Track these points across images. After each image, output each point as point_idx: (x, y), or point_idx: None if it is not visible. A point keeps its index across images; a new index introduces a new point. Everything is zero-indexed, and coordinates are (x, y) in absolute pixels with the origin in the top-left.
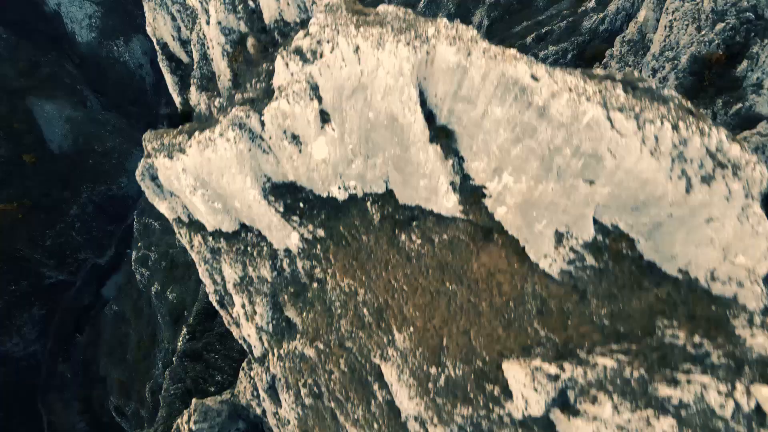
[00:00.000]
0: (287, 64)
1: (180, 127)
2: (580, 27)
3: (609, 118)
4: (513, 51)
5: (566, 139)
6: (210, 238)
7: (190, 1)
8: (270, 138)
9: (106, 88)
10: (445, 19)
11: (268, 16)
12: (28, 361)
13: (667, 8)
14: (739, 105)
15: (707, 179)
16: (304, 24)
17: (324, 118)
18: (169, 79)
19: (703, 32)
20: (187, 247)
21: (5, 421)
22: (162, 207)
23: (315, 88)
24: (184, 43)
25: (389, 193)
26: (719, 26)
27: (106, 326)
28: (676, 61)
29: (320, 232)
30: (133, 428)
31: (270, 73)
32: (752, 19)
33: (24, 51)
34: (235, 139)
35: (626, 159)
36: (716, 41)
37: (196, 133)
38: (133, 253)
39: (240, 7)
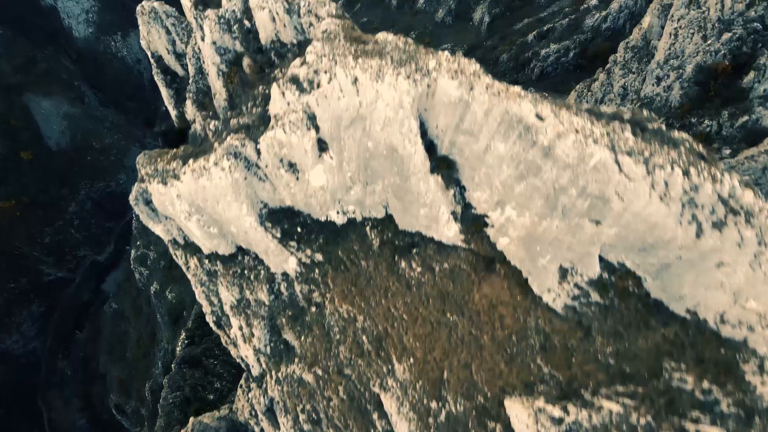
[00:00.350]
0: (283, 93)
1: (174, 150)
2: (582, 25)
3: (617, 162)
4: (517, 88)
5: (572, 179)
6: (206, 261)
7: (187, 16)
8: (266, 166)
9: (104, 83)
10: (446, 52)
11: (264, 36)
12: (27, 359)
13: (672, 15)
14: (746, 117)
15: (719, 225)
16: (301, 45)
17: (321, 146)
18: (164, 93)
19: (709, 42)
20: (183, 268)
21: (6, 418)
22: (157, 229)
23: (312, 118)
24: (179, 57)
25: (389, 218)
26: (726, 36)
27: (105, 324)
28: (681, 70)
29: (318, 257)
30: (134, 426)
31: (266, 97)
32: (759, 30)
33: (20, 47)
34: (230, 169)
35: (634, 203)
36: (722, 51)
37: (191, 161)
38: (132, 251)
39: (235, 27)
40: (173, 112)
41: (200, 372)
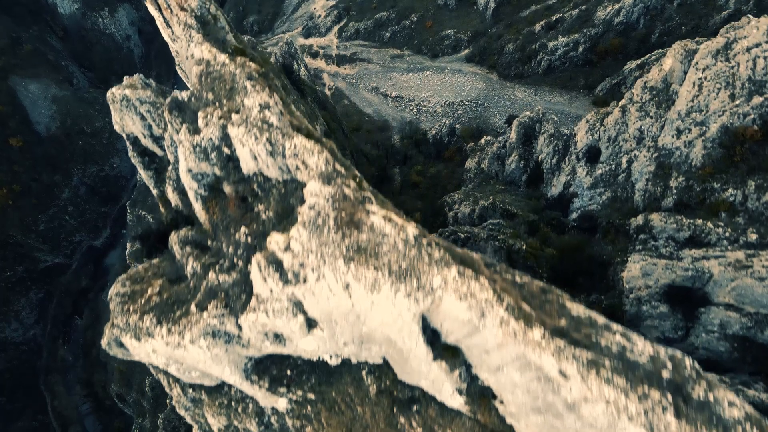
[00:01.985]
0: (265, 279)
1: (149, 290)
2: (593, 17)
3: None
4: (537, 335)
5: None
6: (190, 390)
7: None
8: (249, 339)
9: (93, 62)
10: (454, 271)
11: (247, 168)
12: (28, 345)
13: (697, 63)
14: None
15: None
16: (287, 184)
17: (310, 323)
18: (144, 174)
19: (737, 102)
20: (166, 389)
21: (9, 404)
22: (135, 359)
23: (298, 304)
24: (157, 139)
25: (386, 365)
26: (756, 100)
27: (104, 312)
28: (704, 127)
29: (311, 396)
30: (136, 415)
31: (248, 249)
32: None
33: (3, 26)
34: (208, 347)
35: None
36: (752, 115)
37: (165, 332)
38: (128, 245)
39: (213, 155)
40: (155, 191)
41: None
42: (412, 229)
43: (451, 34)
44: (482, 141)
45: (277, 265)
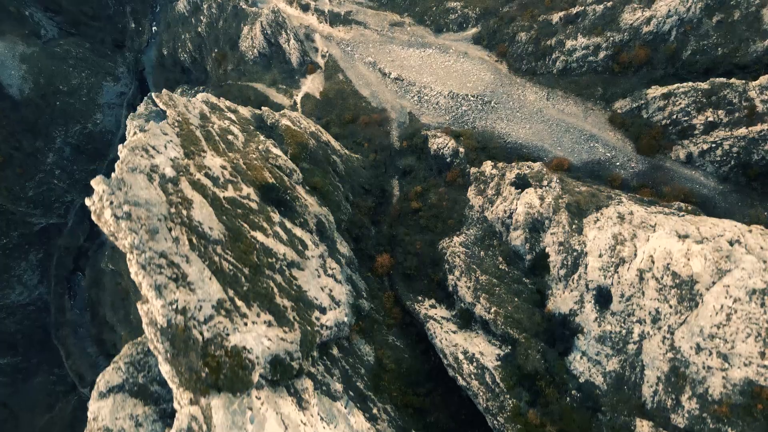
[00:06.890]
0: None
1: None
2: (619, 19)
3: None
4: None
5: None
6: None
7: None
8: None
9: (60, 4)
10: None
11: None
12: (35, 305)
13: (728, 287)
14: None
15: None
16: None
17: None
18: None
19: (766, 362)
20: None
21: (25, 362)
22: None
23: None
24: None
25: None
26: None
27: (105, 279)
28: (727, 364)
29: None
30: None
31: None
32: None
33: None
34: None
35: None
36: None
37: None
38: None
39: None
40: None
41: None
42: None
43: (458, 8)
44: (486, 170)
45: None
